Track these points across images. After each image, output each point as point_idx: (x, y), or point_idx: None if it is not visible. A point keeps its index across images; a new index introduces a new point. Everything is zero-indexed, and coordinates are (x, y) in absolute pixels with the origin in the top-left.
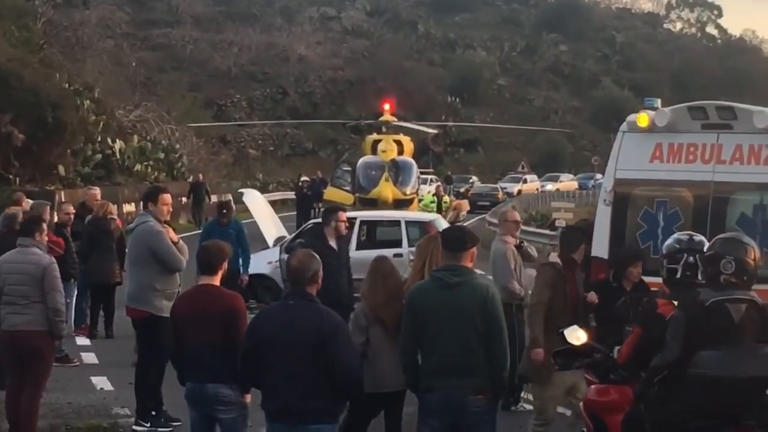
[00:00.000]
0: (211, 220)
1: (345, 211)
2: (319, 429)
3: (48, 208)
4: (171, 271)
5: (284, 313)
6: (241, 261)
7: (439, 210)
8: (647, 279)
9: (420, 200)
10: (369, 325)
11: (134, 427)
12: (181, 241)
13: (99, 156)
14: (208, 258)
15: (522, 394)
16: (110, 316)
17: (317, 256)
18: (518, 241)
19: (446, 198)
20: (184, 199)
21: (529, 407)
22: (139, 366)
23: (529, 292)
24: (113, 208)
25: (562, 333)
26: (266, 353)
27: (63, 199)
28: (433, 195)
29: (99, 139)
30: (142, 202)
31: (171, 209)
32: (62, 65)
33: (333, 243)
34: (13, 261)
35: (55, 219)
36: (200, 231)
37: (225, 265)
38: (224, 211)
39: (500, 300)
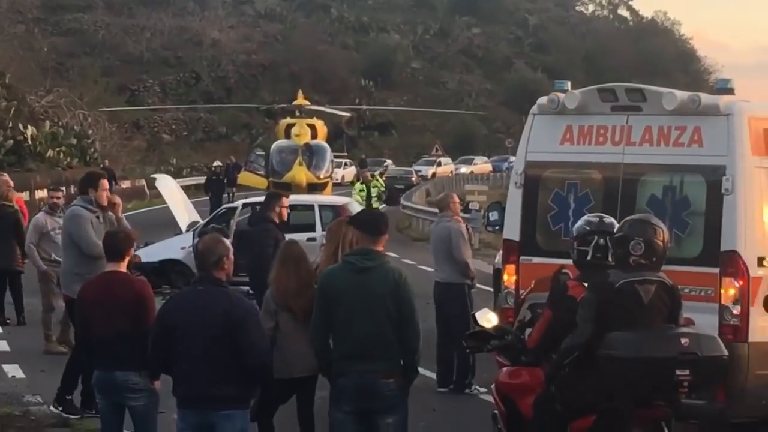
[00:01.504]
0: None
1: (288, 197)
2: (229, 415)
3: None
4: (89, 257)
5: (193, 298)
6: None
7: (369, 198)
8: (559, 261)
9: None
10: (278, 310)
11: (50, 408)
12: (124, 222)
13: (10, 142)
14: (114, 244)
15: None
16: (19, 303)
17: (225, 241)
18: None
19: (375, 180)
20: None
21: (483, 390)
22: (74, 348)
23: None
24: (13, 194)
25: (473, 315)
26: (176, 339)
27: None
28: (361, 182)
29: (10, 125)
30: (79, 188)
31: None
32: None
33: None
34: None
35: None
36: None
37: (132, 251)
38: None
39: (410, 284)
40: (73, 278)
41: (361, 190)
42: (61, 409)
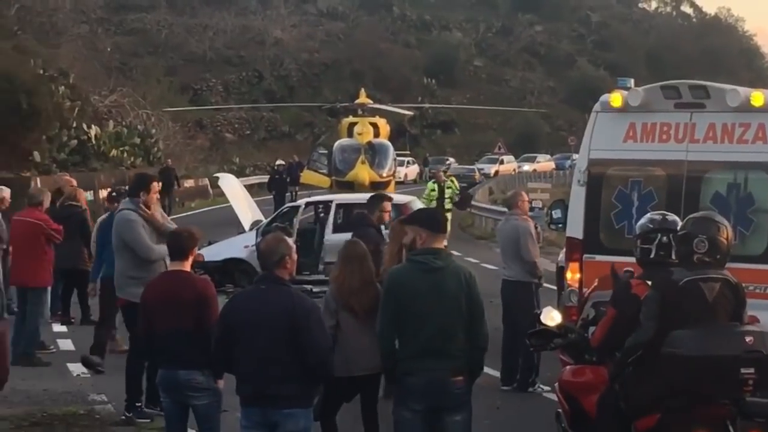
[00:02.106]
0: (109, 214)
1: (391, 200)
2: (292, 413)
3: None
4: (144, 260)
5: (256, 297)
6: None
7: (442, 199)
8: (622, 259)
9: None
10: (338, 309)
11: (122, 417)
12: (165, 226)
13: (74, 142)
14: (178, 243)
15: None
16: (85, 303)
17: (287, 239)
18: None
19: (450, 181)
20: None
21: (547, 388)
22: (129, 353)
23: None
24: (81, 193)
25: (537, 314)
26: (239, 338)
27: (39, 185)
28: (434, 182)
29: (74, 125)
30: (129, 191)
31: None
32: (36, 51)
33: None
34: None
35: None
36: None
37: (196, 250)
38: (115, 201)
39: (477, 282)
40: (127, 281)
41: (432, 190)
42: (131, 415)
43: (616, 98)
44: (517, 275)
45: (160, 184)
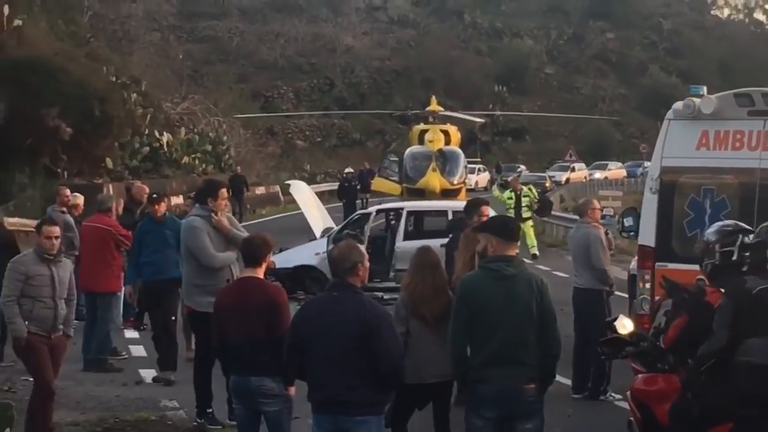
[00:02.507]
0: (146, 218)
1: (488, 205)
2: (364, 420)
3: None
4: (207, 268)
5: (328, 304)
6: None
7: (518, 207)
8: (695, 267)
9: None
10: (409, 316)
11: (194, 423)
12: (233, 233)
13: (146, 149)
14: (251, 250)
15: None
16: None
17: (360, 247)
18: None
19: (527, 189)
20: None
21: (618, 396)
22: (196, 360)
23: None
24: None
25: (609, 322)
26: (310, 345)
27: (111, 192)
28: (510, 191)
29: (146, 131)
30: (197, 197)
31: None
32: (109, 58)
33: None
34: None
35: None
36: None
37: (269, 257)
38: (155, 202)
39: (549, 289)
40: (193, 290)
41: (509, 198)
42: (202, 421)
43: (688, 106)
44: (587, 283)
45: (230, 191)
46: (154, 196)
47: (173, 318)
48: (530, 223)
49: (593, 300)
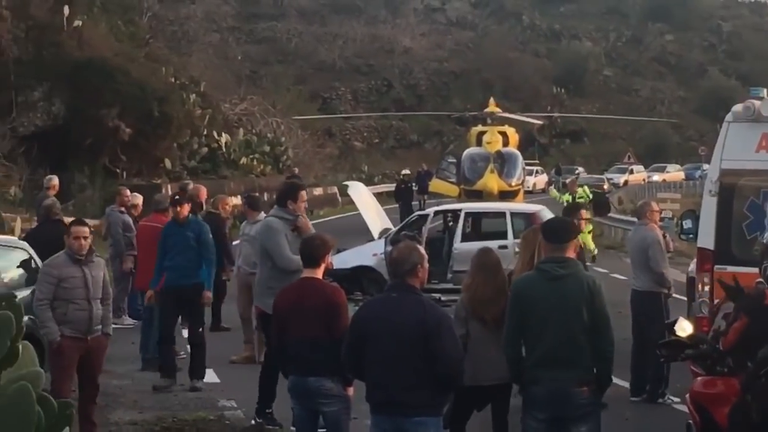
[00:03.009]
0: (169, 221)
1: (587, 209)
2: (422, 421)
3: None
4: (282, 270)
5: (387, 305)
6: (205, 273)
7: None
8: (751, 270)
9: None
10: (468, 318)
11: (252, 421)
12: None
13: (205, 149)
14: (310, 250)
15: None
16: (218, 310)
17: (420, 248)
18: None
19: (582, 191)
20: None
21: (677, 400)
22: (264, 360)
23: None
24: (225, 202)
25: (668, 324)
26: (369, 346)
27: (169, 192)
28: (568, 193)
29: (205, 132)
30: (277, 199)
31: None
32: (168, 59)
33: None
34: None
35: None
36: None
37: (328, 258)
38: (178, 205)
39: (603, 292)
40: (266, 291)
41: (568, 201)
42: (261, 421)
43: (748, 108)
44: (646, 285)
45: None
46: (177, 198)
47: (201, 329)
48: (590, 225)
49: (651, 303)
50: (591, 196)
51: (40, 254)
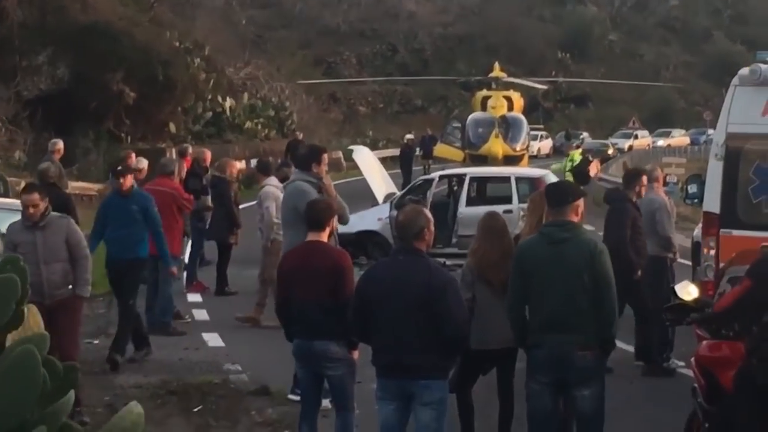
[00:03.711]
0: (111, 192)
1: (646, 174)
2: (428, 384)
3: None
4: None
5: (393, 268)
6: (157, 247)
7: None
8: (760, 234)
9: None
10: (475, 281)
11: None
12: (339, 198)
13: (209, 114)
14: (315, 214)
15: None
16: (222, 274)
17: (426, 212)
18: None
19: (572, 155)
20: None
21: (681, 363)
22: None
23: None
24: (232, 166)
25: (673, 288)
26: (375, 309)
27: (174, 156)
28: (570, 159)
29: (209, 97)
30: (300, 163)
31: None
32: (173, 23)
33: None
34: None
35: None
36: None
37: (333, 221)
38: (120, 176)
39: (608, 255)
40: None
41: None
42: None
43: (754, 72)
44: (652, 250)
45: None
46: (119, 168)
47: (132, 302)
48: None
49: (657, 267)
50: (575, 162)
51: None
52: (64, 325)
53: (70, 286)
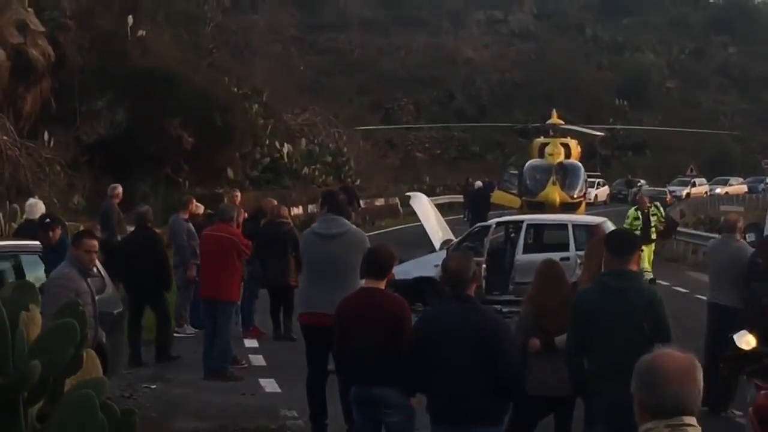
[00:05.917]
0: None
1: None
2: (483, 431)
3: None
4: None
5: (446, 315)
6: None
7: (646, 228)
8: None
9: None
10: (532, 328)
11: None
12: None
13: (267, 159)
14: (377, 260)
15: None
16: (288, 318)
17: (472, 258)
18: None
19: (655, 207)
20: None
21: (739, 413)
22: None
23: None
24: (285, 210)
25: (732, 338)
26: (429, 356)
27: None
28: (636, 209)
29: (267, 142)
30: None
31: None
32: (231, 69)
33: None
34: None
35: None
36: None
37: (392, 269)
38: (48, 227)
39: (664, 304)
40: None
41: (636, 219)
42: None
43: None
44: (730, 301)
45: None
46: (47, 221)
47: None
48: (653, 246)
49: (732, 318)
50: (663, 214)
51: (131, 261)
52: None
53: None
